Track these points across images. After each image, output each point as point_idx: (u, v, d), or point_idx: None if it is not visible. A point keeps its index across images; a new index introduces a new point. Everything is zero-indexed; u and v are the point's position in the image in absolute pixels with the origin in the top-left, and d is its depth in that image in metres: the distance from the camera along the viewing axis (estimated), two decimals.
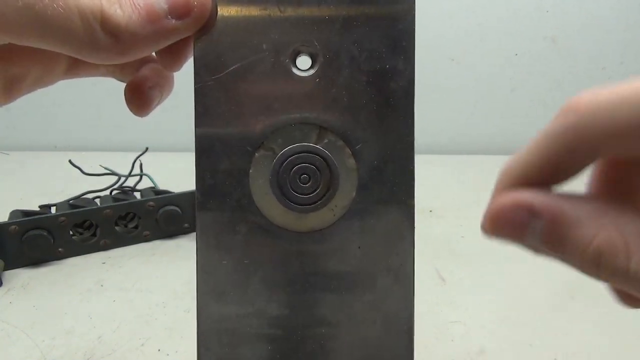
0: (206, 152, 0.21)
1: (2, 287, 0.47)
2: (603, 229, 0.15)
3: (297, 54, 0.21)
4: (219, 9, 0.21)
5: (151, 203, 0.56)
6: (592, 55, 0.99)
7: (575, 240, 0.16)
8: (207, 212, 0.21)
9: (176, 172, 0.68)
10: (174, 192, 0.60)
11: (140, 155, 0.70)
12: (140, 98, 0.25)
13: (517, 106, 1.02)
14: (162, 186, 0.66)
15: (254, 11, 0.21)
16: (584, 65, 0.99)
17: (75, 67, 0.25)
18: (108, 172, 0.68)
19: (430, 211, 0.67)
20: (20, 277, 0.49)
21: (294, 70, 0.21)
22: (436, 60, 1.01)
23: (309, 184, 0.21)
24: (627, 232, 0.15)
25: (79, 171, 0.67)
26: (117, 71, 0.27)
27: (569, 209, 0.16)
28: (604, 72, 1.00)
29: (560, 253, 0.16)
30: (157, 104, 0.26)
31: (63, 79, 0.25)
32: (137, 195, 0.62)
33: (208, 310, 0.22)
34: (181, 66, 0.24)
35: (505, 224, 0.17)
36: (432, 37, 1.00)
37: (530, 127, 1.03)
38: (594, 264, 0.16)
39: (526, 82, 1.01)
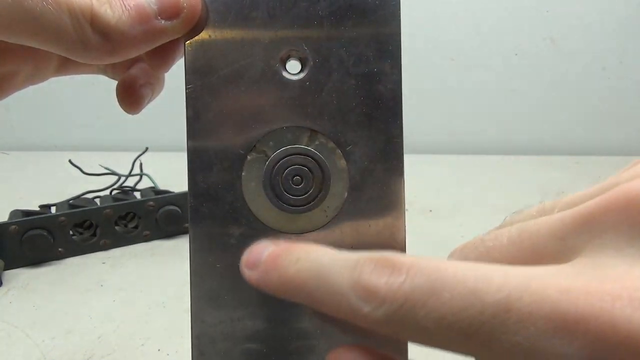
0: (198, 155, 0.21)
1: (2, 287, 0.47)
2: None
3: (287, 58, 0.21)
4: (209, 12, 0.21)
5: (151, 203, 0.56)
6: (591, 56, 0.99)
7: None
8: (200, 216, 0.21)
9: (176, 172, 0.68)
10: (174, 192, 0.60)
11: (140, 155, 0.70)
12: (131, 96, 0.25)
13: (516, 106, 1.02)
14: (162, 186, 0.67)
15: (244, 15, 0.21)
16: (584, 65, 0.99)
17: (66, 65, 0.26)
18: (108, 172, 0.68)
19: (430, 211, 0.67)
20: (20, 277, 0.49)
21: (284, 74, 0.21)
22: (436, 60, 1.01)
23: (302, 185, 0.21)
24: None
25: (79, 171, 0.67)
26: (108, 69, 0.27)
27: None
28: (604, 73, 1.00)
29: None
30: (148, 102, 0.26)
31: (54, 76, 0.26)
32: (137, 195, 0.63)
33: (202, 314, 0.22)
34: (169, 68, 0.25)
35: None
36: (432, 38, 1.00)
37: (530, 127, 1.03)
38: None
39: (526, 82, 1.01)
